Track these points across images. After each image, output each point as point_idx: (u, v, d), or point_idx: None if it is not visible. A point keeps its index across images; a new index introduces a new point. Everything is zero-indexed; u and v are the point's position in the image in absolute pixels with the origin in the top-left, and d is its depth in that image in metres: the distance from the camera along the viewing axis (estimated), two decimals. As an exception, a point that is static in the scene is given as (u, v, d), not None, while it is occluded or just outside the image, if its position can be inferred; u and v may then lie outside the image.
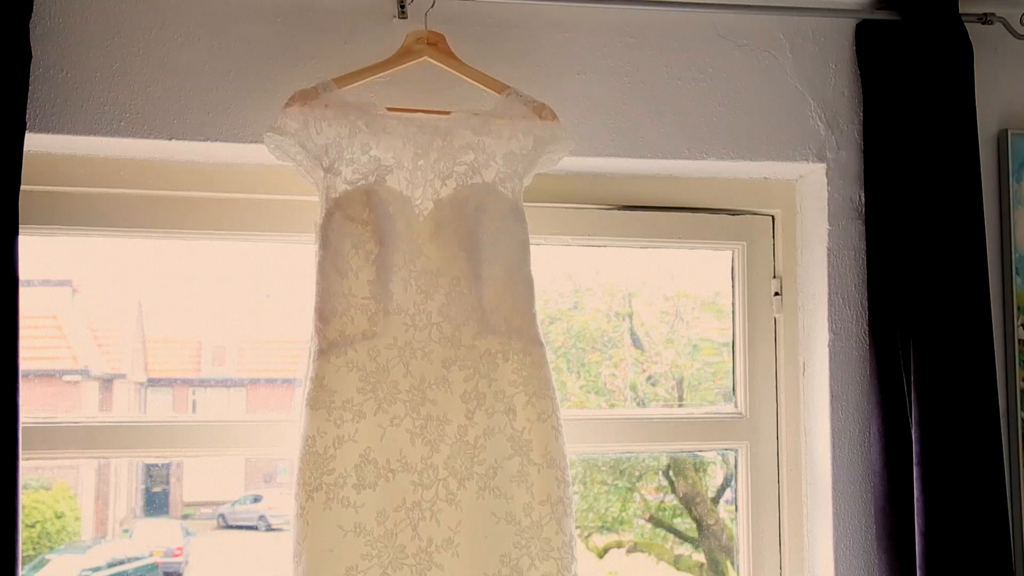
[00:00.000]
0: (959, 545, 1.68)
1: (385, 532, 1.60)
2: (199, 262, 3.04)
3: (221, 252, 2.98)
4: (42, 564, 3.50)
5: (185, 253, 3.09)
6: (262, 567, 3.87)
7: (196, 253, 3.05)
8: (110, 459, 2.04)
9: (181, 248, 2.81)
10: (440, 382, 1.66)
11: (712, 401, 2.26)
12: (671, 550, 3.97)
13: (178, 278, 3.22)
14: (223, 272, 3.10)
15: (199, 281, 3.18)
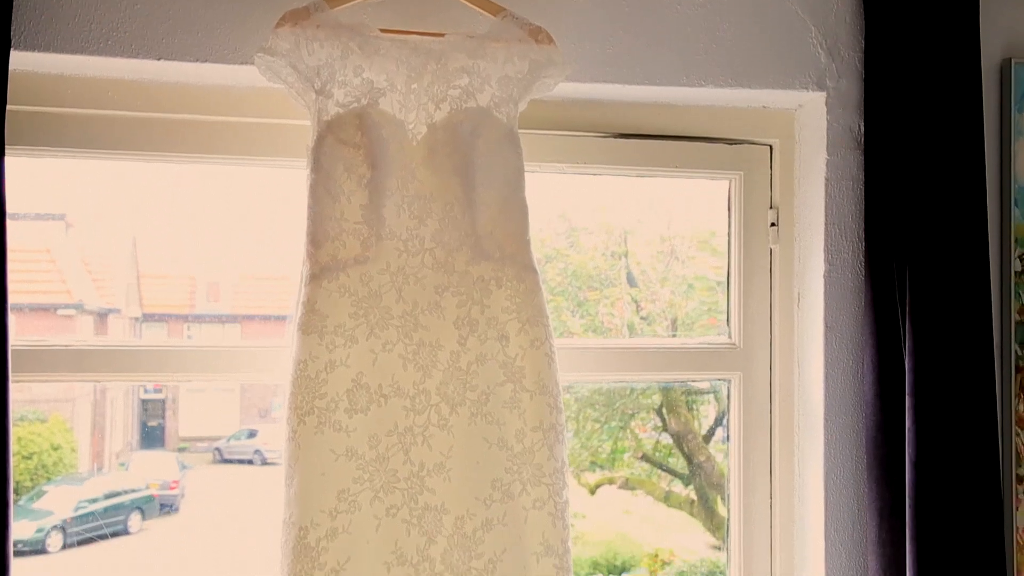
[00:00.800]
0: (949, 474, 1.69)
1: (377, 456, 1.60)
2: (193, 196, 3.02)
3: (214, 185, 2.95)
4: (39, 495, 3.52)
5: (179, 186, 3.06)
6: (258, 501, 3.91)
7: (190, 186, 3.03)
8: (104, 383, 2.03)
9: (174, 179, 2.79)
10: (433, 308, 1.65)
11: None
12: (662, 487, 4.01)
13: (172, 213, 3.20)
14: (217, 207, 3.08)
15: (193, 216, 3.16)
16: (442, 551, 1.60)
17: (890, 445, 1.75)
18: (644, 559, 4.04)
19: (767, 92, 1.83)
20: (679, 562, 3.95)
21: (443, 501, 1.61)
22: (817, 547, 1.83)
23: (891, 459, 1.75)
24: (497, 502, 1.62)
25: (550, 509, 1.64)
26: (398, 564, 1.59)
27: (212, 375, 1.76)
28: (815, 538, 1.84)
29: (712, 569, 3.93)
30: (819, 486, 1.83)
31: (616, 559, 4.00)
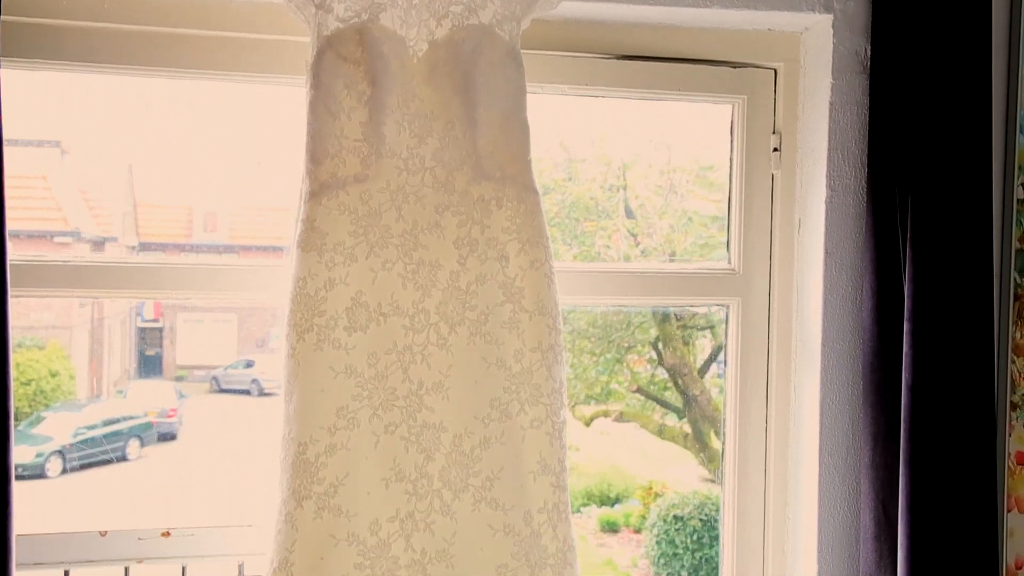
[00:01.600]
0: (945, 399, 1.70)
1: (376, 374, 1.61)
2: (190, 122, 2.98)
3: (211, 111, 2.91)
4: (38, 421, 3.54)
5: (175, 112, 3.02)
6: (255, 430, 3.94)
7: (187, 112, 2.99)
8: (101, 299, 2.02)
9: (171, 104, 2.75)
10: (432, 227, 1.64)
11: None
12: (657, 420, 4.03)
13: (169, 140, 3.16)
14: (214, 134, 3.04)
15: (190, 144, 3.12)
16: (440, 468, 1.61)
17: (887, 371, 1.76)
18: (637, 491, 4.09)
19: (773, 14, 1.80)
20: (671, 494, 4.00)
21: (441, 419, 1.62)
22: (811, 472, 1.85)
23: (887, 385, 1.76)
24: (495, 421, 1.63)
25: (547, 429, 1.65)
26: (396, 480, 1.60)
27: (210, 293, 1.75)
28: (809, 463, 1.86)
29: (704, 501, 3.98)
30: (815, 411, 1.85)
31: (610, 490, 4.05)
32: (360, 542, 1.58)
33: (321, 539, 1.57)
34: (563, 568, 1.64)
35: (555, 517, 1.65)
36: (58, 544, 1.70)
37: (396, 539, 1.59)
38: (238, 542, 1.77)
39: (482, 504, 1.62)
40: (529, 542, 1.63)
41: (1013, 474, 1.86)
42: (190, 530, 1.75)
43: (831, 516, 1.84)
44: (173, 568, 1.78)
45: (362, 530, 1.58)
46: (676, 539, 3.87)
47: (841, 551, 1.84)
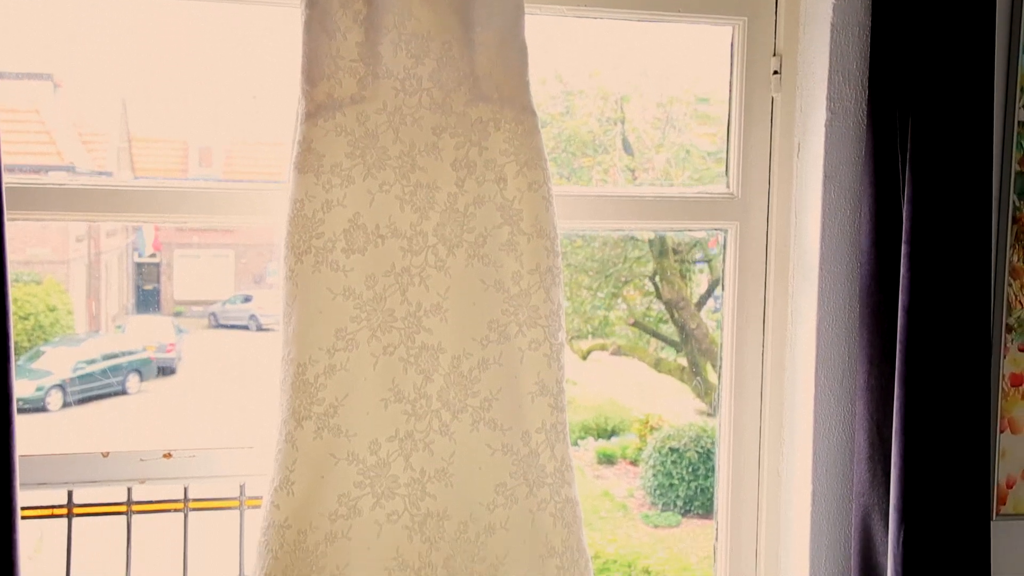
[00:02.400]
0: (941, 321, 1.71)
1: (374, 296, 1.61)
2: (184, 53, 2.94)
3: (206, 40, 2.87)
4: (37, 355, 3.56)
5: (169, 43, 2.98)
6: (253, 365, 3.95)
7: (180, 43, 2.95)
8: (98, 223, 2.02)
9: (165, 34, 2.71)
10: (430, 149, 1.63)
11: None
12: (654, 354, 4.05)
13: (162, 73, 3.12)
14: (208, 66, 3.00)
15: (184, 77, 3.09)
16: (439, 389, 1.63)
17: (884, 293, 1.76)
18: (634, 424, 4.12)
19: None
20: (668, 427, 4.03)
21: (440, 341, 1.63)
22: (807, 395, 1.87)
23: (884, 307, 1.77)
24: (493, 343, 1.64)
25: (545, 350, 1.66)
26: (395, 401, 1.61)
27: (207, 216, 1.75)
28: (805, 386, 1.87)
29: (700, 433, 4.01)
30: (811, 335, 1.85)
31: (606, 424, 4.08)
32: (360, 461, 1.60)
33: (321, 458, 1.58)
34: (561, 487, 1.66)
35: (553, 437, 1.66)
36: (61, 465, 1.72)
37: (395, 458, 1.61)
38: (239, 463, 1.78)
39: (480, 424, 1.63)
40: (527, 461, 1.64)
41: (1007, 396, 1.88)
42: (191, 452, 1.77)
43: (826, 438, 1.86)
44: (175, 489, 1.80)
45: (362, 449, 1.60)
46: (672, 471, 3.92)
47: (835, 472, 1.86)
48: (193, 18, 2.34)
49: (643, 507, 3.81)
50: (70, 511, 1.75)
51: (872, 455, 1.77)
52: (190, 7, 1.83)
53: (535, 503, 1.64)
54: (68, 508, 1.75)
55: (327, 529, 1.58)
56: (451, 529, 1.62)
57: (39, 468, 1.71)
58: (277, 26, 1.91)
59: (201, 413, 3.60)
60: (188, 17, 2.20)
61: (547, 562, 1.64)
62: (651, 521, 3.74)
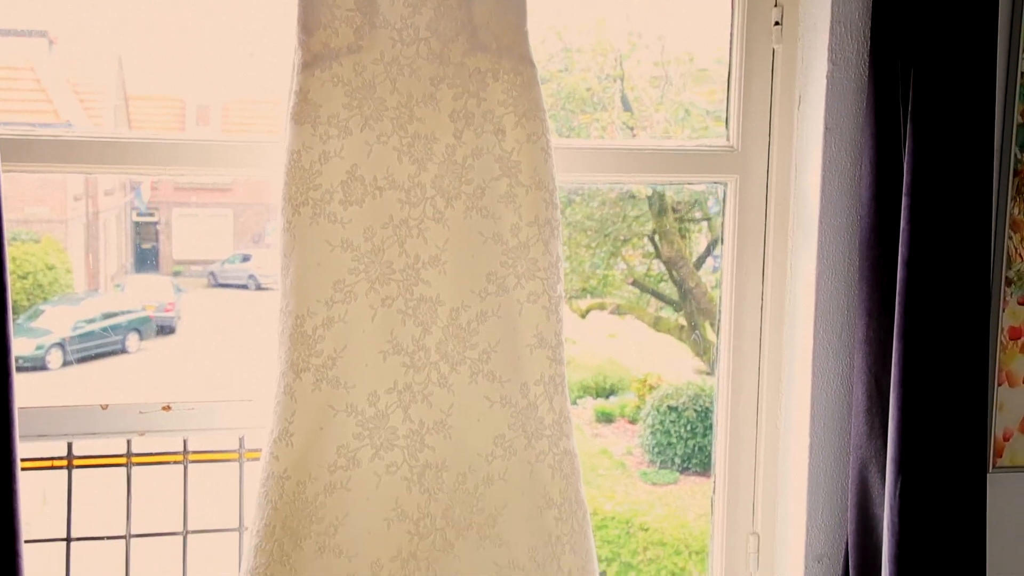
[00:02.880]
0: (940, 274, 1.70)
1: (372, 248, 1.61)
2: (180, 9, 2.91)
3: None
4: (36, 314, 3.56)
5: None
6: (252, 324, 3.95)
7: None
8: (94, 175, 2.00)
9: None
10: (428, 100, 1.62)
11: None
12: (653, 313, 4.05)
13: (158, 29, 3.09)
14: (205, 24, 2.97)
15: (180, 32, 3.06)
16: (437, 341, 1.62)
17: (883, 247, 1.76)
18: (633, 383, 4.13)
19: None
20: (666, 386, 4.04)
21: (438, 293, 1.63)
22: (805, 348, 1.87)
23: (883, 261, 1.76)
24: (492, 295, 1.64)
25: (544, 303, 1.66)
26: (394, 353, 1.61)
27: (204, 169, 1.74)
28: (804, 339, 1.87)
29: (698, 392, 4.02)
30: (810, 288, 1.85)
31: (605, 383, 4.09)
32: (358, 413, 1.60)
33: (320, 410, 1.59)
34: (559, 439, 1.67)
35: (551, 389, 1.66)
36: (60, 417, 1.73)
37: (394, 410, 1.61)
38: (238, 416, 1.79)
39: (479, 376, 1.64)
40: (526, 413, 1.65)
41: (1005, 349, 1.88)
42: (190, 404, 1.77)
43: (824, 391, 1.86)
44: (175, 441, 1.80)
45: (360, 401, 1.60)
46: (671, 429, 3.93)
47: (833, 425, 1.86)
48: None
49: (641, 465, 3.83)
50: (70, 463, 1.75)
51: (870, 408, 1.78)
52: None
53: (533, 455, 1.65)
54: (68, 460, 1.75)
55: (326, 480, 1.59)
56: (450, 480, 1.63)
57: (38, 420, 1.71)
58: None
59: (200, 371, 3.60)
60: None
61: (545, 513, 1.65)
62: (649, 479, 3.76)
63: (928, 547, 1.72)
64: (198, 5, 2.89)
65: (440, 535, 1.62)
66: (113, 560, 1.79)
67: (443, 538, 1.62)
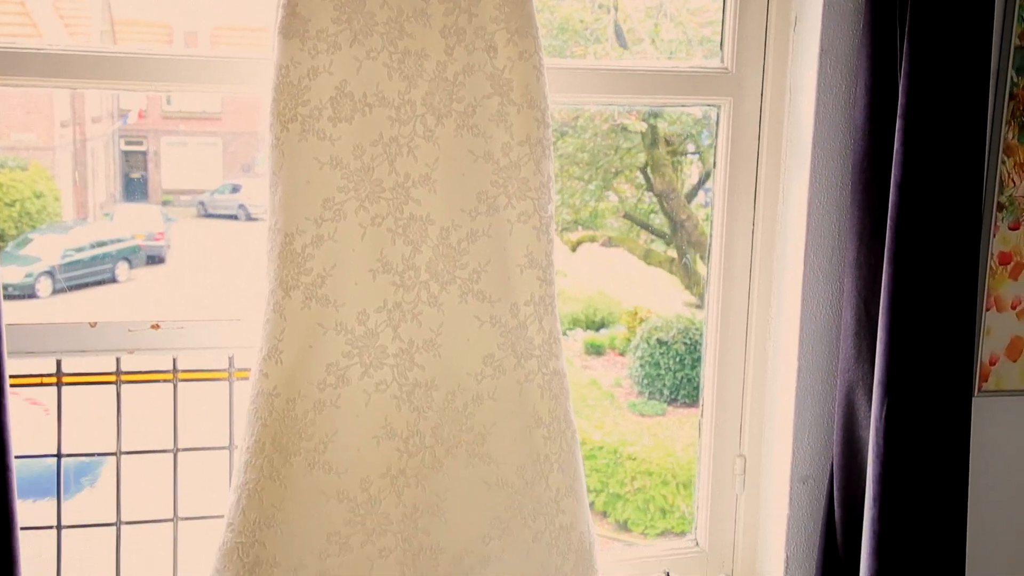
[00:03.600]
0: (932, 196, 1.70)
1: (362, 166, 1.59)
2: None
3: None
4: (25, 242, 3.54)
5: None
6: (242, 255, 3.94)
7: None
8: (79, 90, 1.97)
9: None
10: (419, 15, 1.59)
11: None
12: (643, 245, 4.05)
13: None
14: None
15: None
16: (427, 260, 1.62)
17: (876, 170, 1.75)
18: (623, 316, 4.14)
19: None
20: (656, 318, 4.06)
21: (428, 212, 1.61)
22: (795, 273, 1.87)
23: (876, 184, 1.75)
24: (482, 214, 1.63)
25: (535, 223, 1.65)
26: (383, 271, 1.61)
27: (193, 86, 1.71)
28: (794, 264, 1.87)
29: (688, 326, 4.04)
30: (802, 212, 1.85)
31: (596, 315, 4.11)
32: (348, 331, 1.60)
33: (309, 328, 1.59)
34: (548, 359, 1.67)
35: (541, 310, 1.66)
36: (49, 334, 1.72)
37: (384, 329, 1.61)
38: (227, 335, 1.79)
39: (469, 296, 1.63)
40: (515, 333, 1.65)
41: (994, 274, 1.88)
42: (179, 323, 1.77)
43: (813, 315, 1.87)
44: (164, 360, 1.80)
45: (350, 319, 1.60)
46: (660, 361, 3.95)
47: (821, 348, 1.87)
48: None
49: (630, 396, 3.86)
50: (59, 380, 1.75)
51: (858, 331, 1.78)
52: None
53: (523, 374, 1.66)
54: (57, 377, 1.75)
55: (315, 398, 1.59)
56: (439, 399, 1.63)
57: (27, 337, 1.70)
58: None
59: (190, 299, 3.60)
60: None
61: (534, 432, 1.66)
62: (637, 410, 3.79)
63: (912, 468, 1.74)
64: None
65: (429, 453, 1.63)
66: (104, 477, 1.80)
67: (432, 456, 1.63)
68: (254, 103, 3.65)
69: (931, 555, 1.76)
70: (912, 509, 1.74)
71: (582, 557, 1.68)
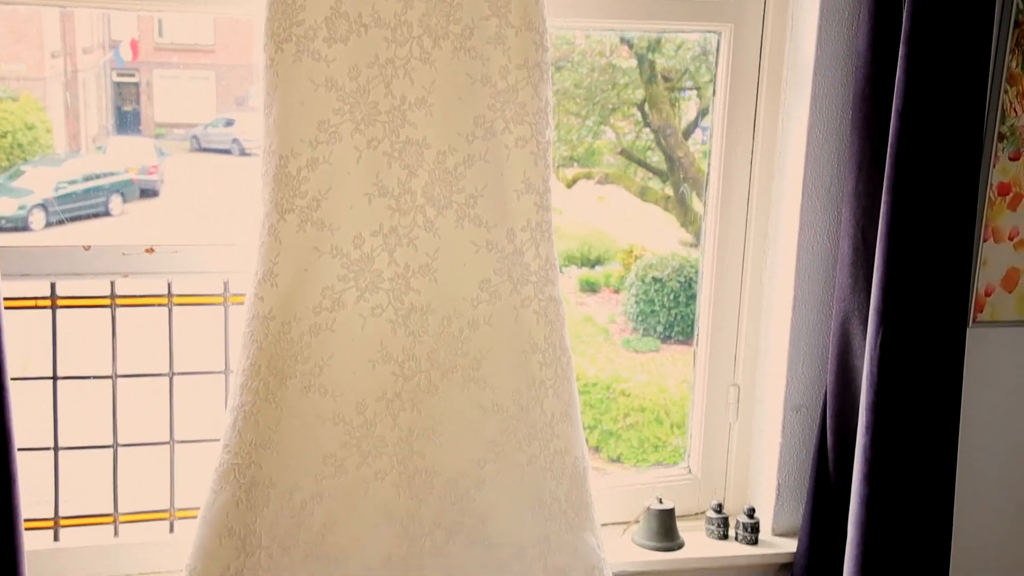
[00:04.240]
0: (932, 123, 1.68)
1: (357, 88, 1.57)
2: None
3: None
4: (17, 174, 3.50)
5: None
6: (235, 190, 3.91)
7: None
8: (68, 8, 1.94)
9: None
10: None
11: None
12: (640, 183, 4.03)
13: None
14: None
15: None
16: (423, 184, 1.60)
17: (877, 98, 1.73)
18: (618, 253, 4.13)
19: None
20: (651, 256, 4.05)
21: (425, 136, 1.60)
22: (793, 202, 1.86)
23: (877, 112, 1.74)
24: (479, 139, 1.61)
25: (532, 148, 1.63)
26: (379, 195, 1.59)
27: (186, 6, 1.68)
28: (792, 193, 1.86)
29: (683, 264, 4.04)
30: (801, 141, 1.83)
31: (591, 253, 4.09)
32: (343, 255, 1.59)
33: (304, 251, 1.58)
34: (544, 285, 1.67)
35: (538, 236, 1.66)
36: (42, 257, 1.71)
37: (379, 253, 1.60)
38: (222, 260, 1.78)
39: (465, 221, 1.62)
40: (511, 259, 1.64)
41: (993, 204, 1.88)
42: (174, 247, 1.76)
43: (810, 245, 1.86)
44: (159, 284, 1.80)
45: (345, 243, 1.59)
46: (654, 298, 3.95)
47: (817, 278, 1.87)
48: None
49: (624, 333, 3.86)
50: (54, 303, 1.75)
51: (855, 260, 1.78)
52: None
53: (519, 300, 1.65)
54: (52, 300, 1.75)
55: (311, 321, 1.59)
56: (435, 323, 1.63)
57: (21, 260, 1.70)
58: None
59: (185, 234, 3.58)
60: None
61: (529, 358, 1.66)
62: (631, 346, 3.80)
63: (905, 397, 1.75)
64: None
65: (424, 377, 1.63)
66: (100, 400, 1.81)
67: (427, 380, 1.63)
68: (247, 36, 3.59)
69: (921, 481, 1.77)
70: (904, 437, 1.75)
71: (576, 481, 1.69)
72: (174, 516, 1.84)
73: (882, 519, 1.76)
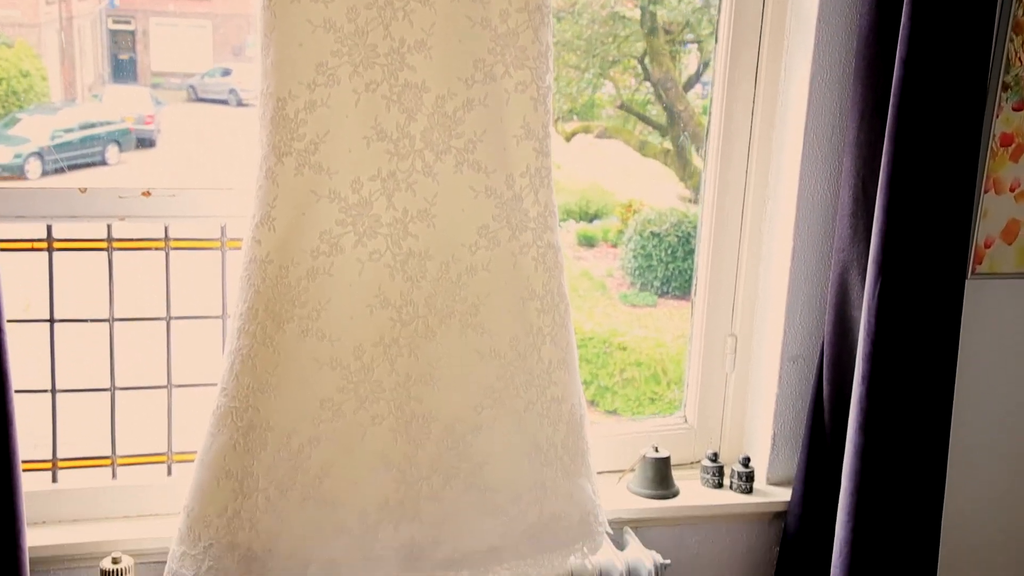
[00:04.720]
0: (937, 71, 1.67)
1: (355, 30, 1.55)
2: None
3: None
4: (13, 122, 3.48)
5: None
6: (233, 141, 3.88)
7: None
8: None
9: None
10: None
11: None
12: (639, 137, 4.01)
13: None
14: None
15: None
16: (422, 129, 1.59)
17: (881, 46, 1.72)
18: (617, 208, 4.12)
19: None
20: (649, 210, 4.04)
21: (424, 79, 1.58)
22: (794, 151, 1.85)
23: (880, 61, 1.72)
24: (479, 83, 1.60)
25: (532, 93, 1.62)
26: (378, 139, 1.58)
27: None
28: (793, 143, 1.85)
29: (681, 219, 4.03)
30: (803, 89, 1.82)
31: (589, 207, 4.08)
32: (341, 199, 1.58)
33: (302, 195, 1.57)
34: (543, 232, 1.66)
35: (537, 182, 1.65)
36: (38, 199, 1.71)
37: (378, 197, 1.59)
38: (219, 204, 1.77)
39: (464, 166, 1.61)
40: (511, 205, 1.64)
41: (995, 155, 1.87)
42: (171, 191, 1.75)
43: (810, 195, 1.85)
44: (156, 228, 1.79)
45: (343, 187, 1.58)
46: (652, 253, 3.95)
47: (816, 229, 1.87)
48: None
49: (621, 287, 3.86)
50: (50, 245, 1.74)
51: (855, 211, 1.77)
52: None
53: (517, 246, 1.65)
54: (48, 242, 1.74)
55: (309, 265, 1.58)
56: (433, 269, 1.63)
57: (16, 202, 1.69)
58: None
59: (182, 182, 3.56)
60: None
61: (528, 304, 1.66)
62: (629, 300, 3.80)
63: (902, 348, 1.75)
64: None
65: (422, 322, 1.63)
66: (97, 344, 1.80)
67: (425, 325, 1.63)
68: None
69: (916, 430, 1.78)
70: (900, 387, 1.76)
71: (572, 428, 1.70)
72: (172, 459, 1.84)
73: (876, 469, 1.77)
